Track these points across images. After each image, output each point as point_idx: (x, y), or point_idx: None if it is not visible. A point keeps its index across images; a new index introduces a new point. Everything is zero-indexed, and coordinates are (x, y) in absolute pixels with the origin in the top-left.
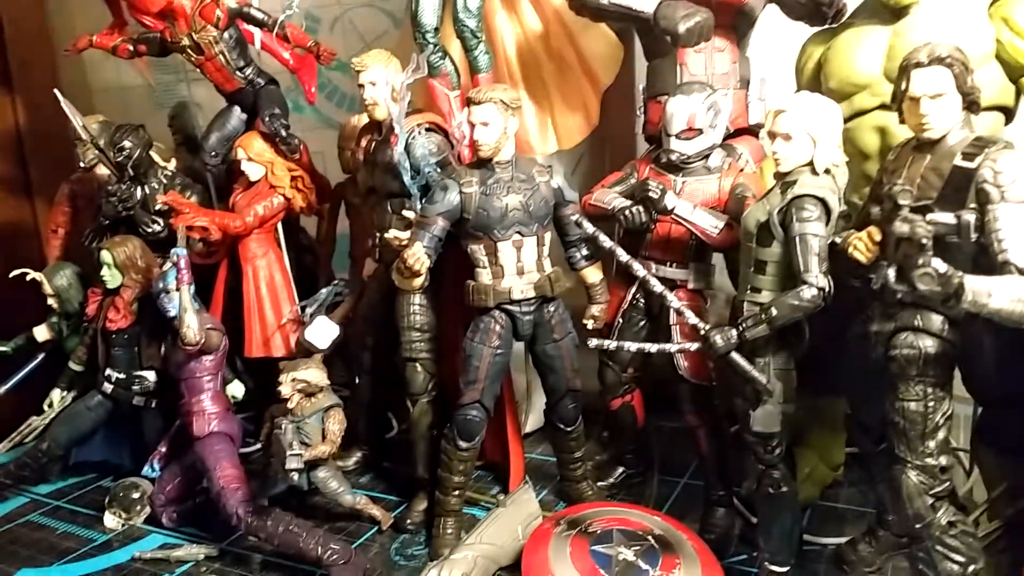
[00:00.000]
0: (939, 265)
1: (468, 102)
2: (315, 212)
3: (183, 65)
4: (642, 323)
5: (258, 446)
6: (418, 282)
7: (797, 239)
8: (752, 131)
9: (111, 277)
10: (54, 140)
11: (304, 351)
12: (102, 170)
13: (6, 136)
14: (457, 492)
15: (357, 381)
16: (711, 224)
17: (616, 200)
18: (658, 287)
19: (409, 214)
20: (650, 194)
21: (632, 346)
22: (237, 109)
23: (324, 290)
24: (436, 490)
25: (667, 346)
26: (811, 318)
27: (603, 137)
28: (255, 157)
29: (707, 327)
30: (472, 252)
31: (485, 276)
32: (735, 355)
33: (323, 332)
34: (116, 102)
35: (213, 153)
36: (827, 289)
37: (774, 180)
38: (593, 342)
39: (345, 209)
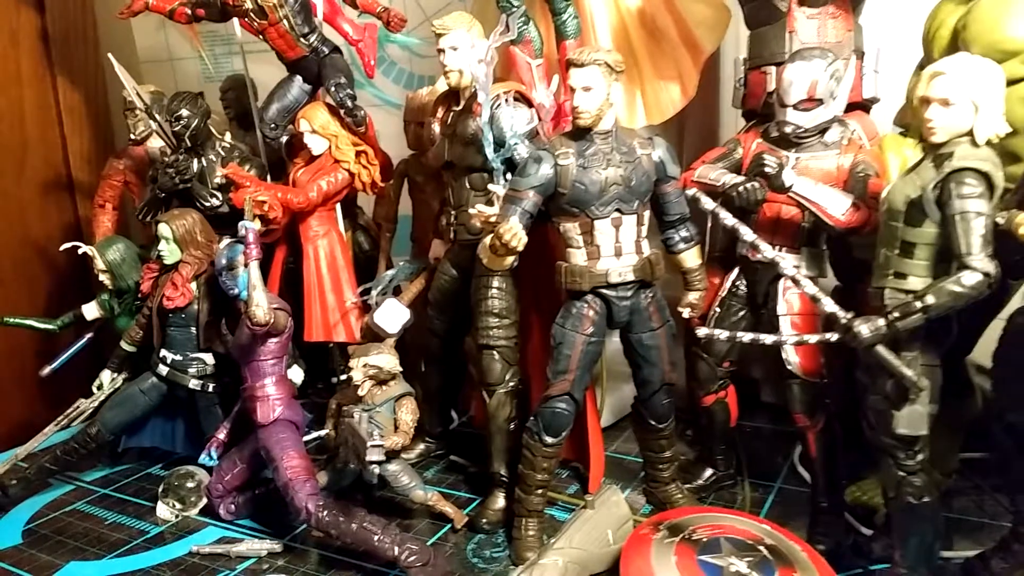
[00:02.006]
0: None
1: (568, 64)
2: (377, 191)
3: (235, 36)
4: (742, 313)
5: (312, 435)
6: (510, 260)
7: (957, 218)
8: (864, 106)
9: (169, 253)
10: (95, 116)
11: (372, 335)
12: (152, 143)
13: (45, 111)
14: (540, 491)
15: (423, 369)
16: (838, 204)
17: (726, 176)
18: (790, 270)
19: (496, 189)
20: (766, 170)
21: (745, 336)
22: (299, 79)
23: (389, 272)
24: (517, 488)
25: (784, 337)
26: None
27: (681, 112)
28: (319, 130)
29: (849, 316)
30: (565, 231)
31: (579, 257)
32: (881, 348)
33: (393, 316)
34: (166, 74)
35: (273, 125)
36: (993, 274)
37: (923, 152)
38: (702, 331)
39: (408, 188)
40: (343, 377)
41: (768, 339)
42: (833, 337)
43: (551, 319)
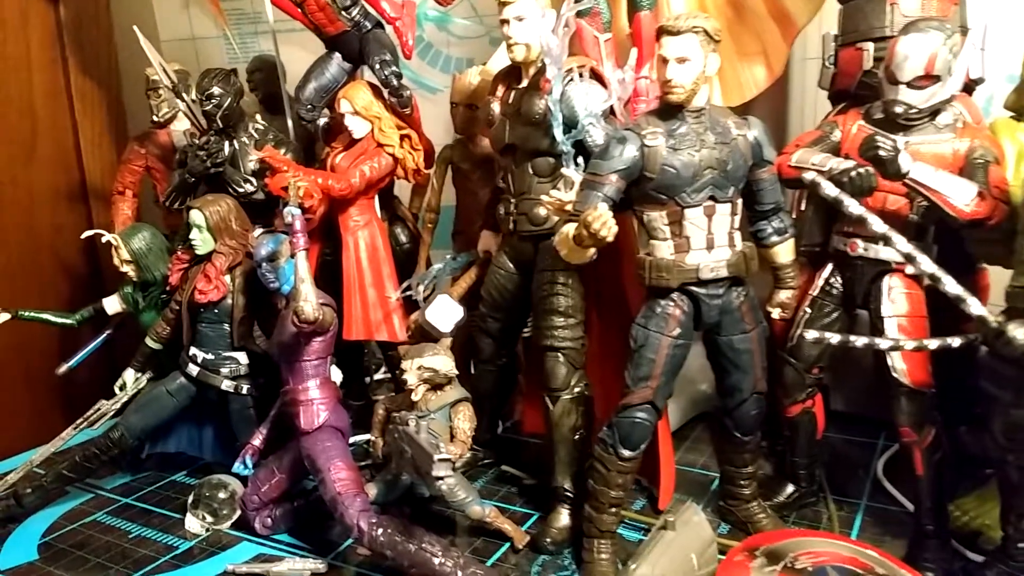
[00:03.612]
0: None
1: (660, 32)
2: (420, 179)
3: (263, 16)
4: (835, 314)
5: (351, 440)
6: (591, 253)
7: None
8: (967, 88)
9: (202, 242)
10: (108, 101)
11: (422, 335)
12: (176, 125)
13: (56, 97)
14: (614, 509)
15: (473, 372)
16: (962, 193)
17: (832, 160)
18: (928, 266)
19: (571, 174)
20: (880, 153)
21: (859, 341)
22: (338, 56)
23: (435, 266)
24: (587, 506)
25: (902, 342)
26: None
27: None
28: (361, 111)
29: (1000, 318)
30: (649, 220)
31: (665, 250)
32: None
33: (446, 313)
34: (188, 55)
35: (309, 106)
36: None
37: None
38: (811, 333)
39: (452, 176)
40: (377, 377)
41: (884, 344)
42: (956, 342)
43: (616, 319)
